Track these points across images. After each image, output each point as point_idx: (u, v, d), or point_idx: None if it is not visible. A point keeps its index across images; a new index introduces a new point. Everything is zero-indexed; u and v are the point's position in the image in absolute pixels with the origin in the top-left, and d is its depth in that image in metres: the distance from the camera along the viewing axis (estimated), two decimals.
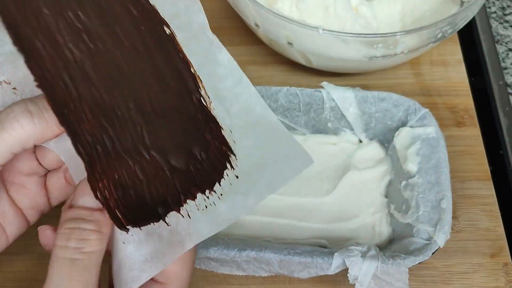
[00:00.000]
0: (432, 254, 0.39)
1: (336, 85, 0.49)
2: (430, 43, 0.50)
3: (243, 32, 0.61)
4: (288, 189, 0.48)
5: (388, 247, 0.43)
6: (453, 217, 0.46)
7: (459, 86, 0.56)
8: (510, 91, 0.57)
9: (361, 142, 0.50)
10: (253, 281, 0.44)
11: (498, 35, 0.61)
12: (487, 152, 0.51)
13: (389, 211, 0.46)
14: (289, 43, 0.51)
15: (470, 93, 0.55)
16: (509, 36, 0.61)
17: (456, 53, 0.59)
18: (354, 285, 0.40)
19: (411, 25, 0.55)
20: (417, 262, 0.39)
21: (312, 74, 0.57)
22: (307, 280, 0.44)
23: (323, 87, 0.48)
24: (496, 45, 0.60)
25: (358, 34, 0.47)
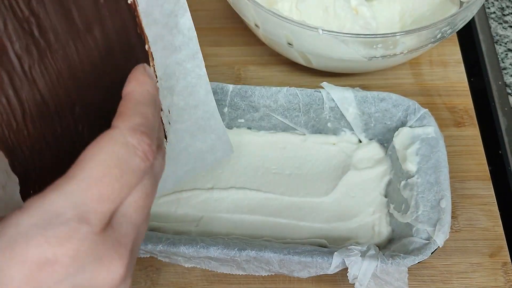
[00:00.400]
0: (432, 254, 0.39)
1: (336, 85, 0.49)
2: (430, 44, 0.50)
3: (243, 33, 0.61)
4: (288, 189, 0.48)
5: (388, 247, 0.43)
6: (453, 217, 0.46)
7: (459, 86, 0.56)
8: (509, 91, 0.57)
9: (361, 142, 0.50)
10: (253, 281, 0.44)
11: (497, 36, 0.61)
12: (486, 152, 0.52)
13: (389, 211, 0.46)
14: (289, 44, 0.51)
15: (470, 93, 0.56)
16: (508, 37, 0.61)
17: (456, 54, 0.59)
18: (354, 285, 0.40)
19: (411, 26, 0.55)
20: (417, 262, 0.39)
21: (312, 74, 0.57)
22: (307, 280, 0.44)
23: (323, 87, 0.49)
24: (495, 46, 0.60)
25: (358, 35, 0.48)
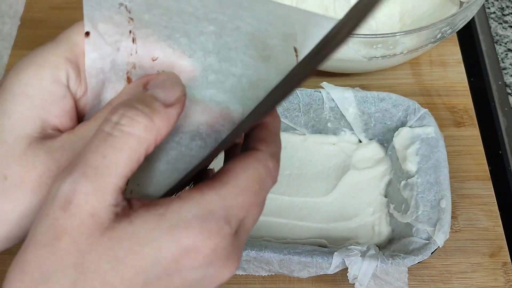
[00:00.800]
0: (432, 254, 0.39)
1: (336, 85, 0.49)
2: (430, 44, 0.50)
3: None
4: (288, 189, 0.48)
5: (388, 247, 0.43)
6: (452, 217, 0.46)
7: (459, 86, 0.56)
8: (509, 91, 0.57)
9: (361, 142, 0.50)
10: (253, 281, 0.44)
11: (497, 36, 0.61)
12: (486, 152, 0.52)
13: (389, 211, 0.46)
14: None
15: (470, 93, 0.56)
16: (508, 37, 0.61)
17: (456, 54, 0.59)
18: (354, 285, 0.40)
19: (411, 26, 0.55)
20: (417, 262, 0.39)
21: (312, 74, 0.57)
22: (307, 280, 0.44)
23: (323, 87, 0.49)
24: (495, 46, 0.60)
25: (358, 35, 0.48)
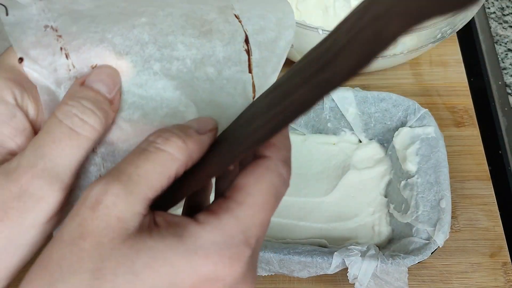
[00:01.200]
0: (432, 254, 0.39)
1: None
2: (430, 44, 0.50)
3: None
4: (288, 189, 0.48)
5: (388, 247, 0.43)
6: (453, 217, 0.46)
7: (459, 86, 0.56)
8: (509, 91, 0.57)
9: (361, 142, 0.50)
10: None
11: (497, 36, 0.61)
12: (486, 152, 0.51)
13: (389, 211, 0.46)
14: None
15: (470, 93, 0.56)
16: (508, 37, 0.61)
17: (456, 54, 0.59)
18: (354, 285, 0.40)
19: None
20: (417, 262, 0.39)
21: None
22: (307, 280, 0.44)
23: None
24: (495, 46, 0.60)
25: None
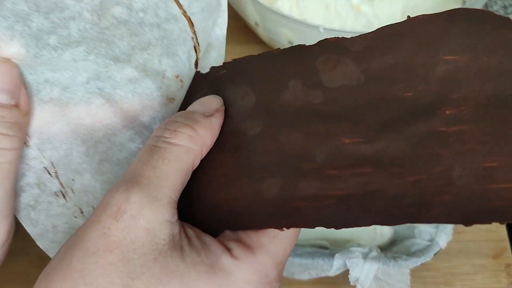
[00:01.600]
0: (434, 255, 0.39)
1: None
2: None
3: (243, 31, 0.60)
4: None
5: (390, 248, 0.42)
6: None
7: None
8: None
9: None
10: None
11: None
12: None
13: None
14: (289, 42, 0.51)
15: None
16: None
17: None
18: (355, 287, 0.39)
19: None
20: (419, 263, 0.38)
21: None
22: (308, 282, 0.43)
23: None
24: None
25: (359, 33, 0.47)
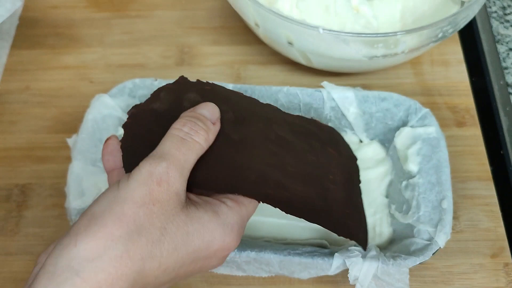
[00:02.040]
0: (433, 255, 0.39)
1: (337, 85, 0.48)
2: (431, 43, 0.50)
3: (243, 32, 0.61)
4: None
5: (389, 248, 0.43)
6: (454, 218, 0.45)
7: (460, 86, 0.56)
8: (511, 91, 0.57)
9: (362, 142, 0.50)
10: (253, 282, 0.44)
11: (499, 35, 0.61)
12: (488, 152, 0.51)
13: (390, 212, 0.45)
14: (289, 43, 0.51)
15: (471, 93, 0.55)
16: (510, 36, 0.61)
17: (457, 53, 0.59)
18: (355, 286, 0.40)
19: (412, 25, 0.55)
20: (418, 263, 0.38)
21: (313, 74, 0.57)
22: (307, 281, 0.43)
23: (324, 87, 0.48)
24: (497, 45, 0.60)
25: (359, 34, 0.47)
